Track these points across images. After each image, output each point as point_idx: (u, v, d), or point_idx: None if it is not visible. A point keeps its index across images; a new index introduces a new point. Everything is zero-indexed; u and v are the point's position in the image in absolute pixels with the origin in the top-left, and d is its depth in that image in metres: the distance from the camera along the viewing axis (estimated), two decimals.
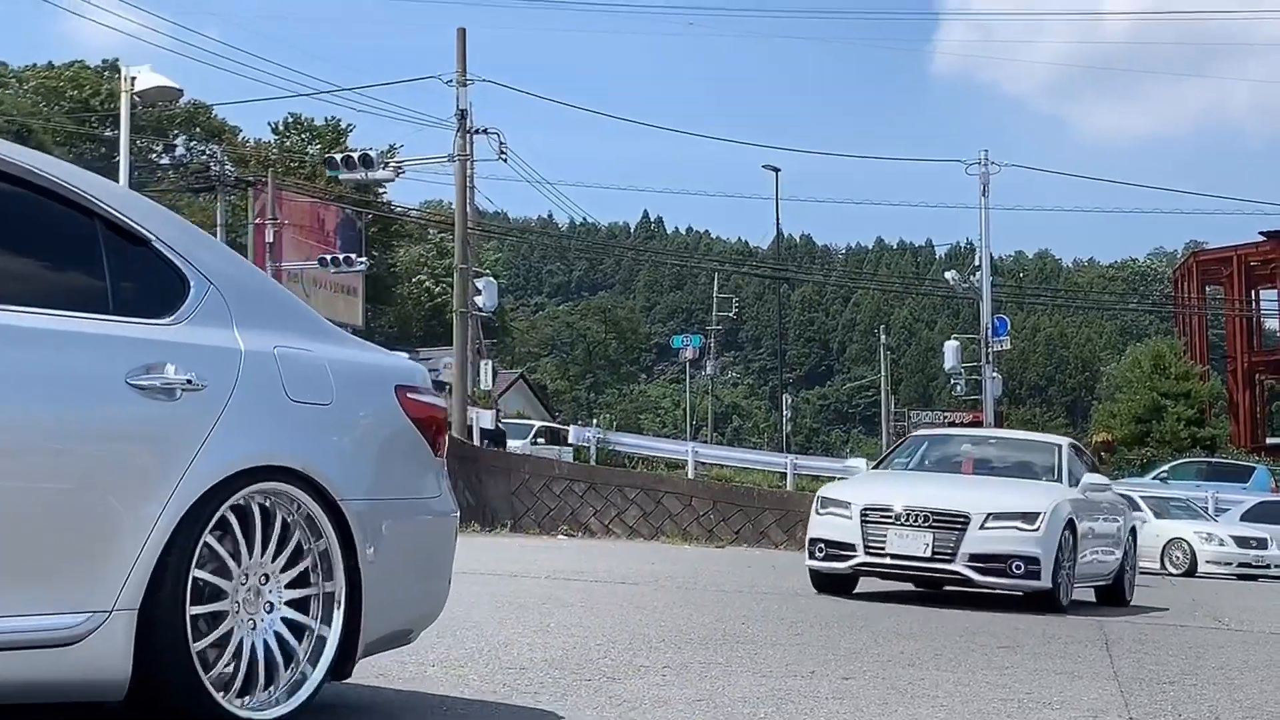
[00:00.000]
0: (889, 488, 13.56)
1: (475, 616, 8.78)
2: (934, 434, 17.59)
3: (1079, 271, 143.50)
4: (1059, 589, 12.69)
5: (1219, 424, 62.57)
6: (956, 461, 15.04)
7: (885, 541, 12.72)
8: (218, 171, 51.40)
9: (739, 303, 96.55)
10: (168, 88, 19.56)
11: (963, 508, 12.69)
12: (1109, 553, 14.58)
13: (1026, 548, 12.49)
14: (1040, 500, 12.96)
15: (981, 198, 42.09)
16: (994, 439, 16.73)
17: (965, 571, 12.53)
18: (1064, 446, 14.86)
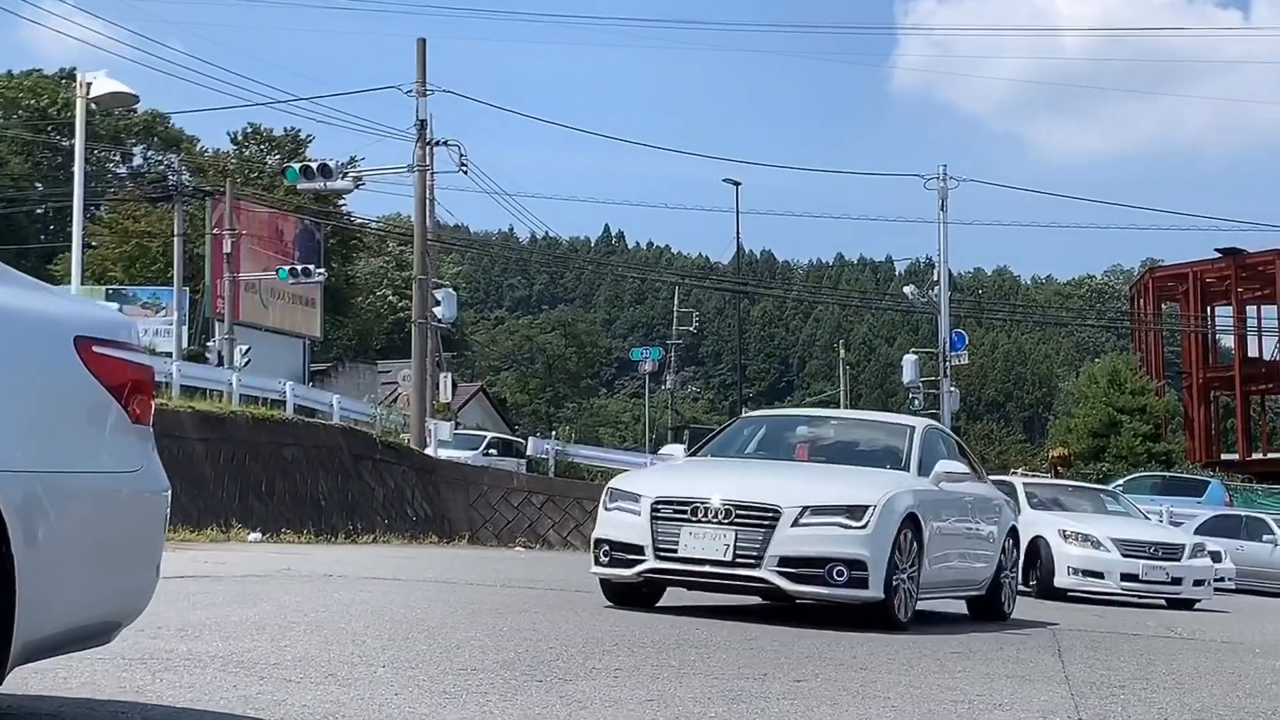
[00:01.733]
0: (690, 477, 11.21)
1: (429, 621, 8.75)
2: (766, 415, 14.63)
3: (1037, 288, 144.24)
4: (894, 600, 10.41)
5: (1174, 439, 63.09)
6: (792, 446, 12.55)
7: (678, 542, 10.34)
8: (175, 181, 51.19)
9: (699, 317, 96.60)
10: (123, 94, 19.42)
11: (772, 500, 10.33)
12: (978, 557, 12.56)
13: (849, 549, 10.16)
14: (870, 491, 10.57)
15: (940, 212, 42.32)
16: (836, 419, 14.03)
17: (773, 579, 10.15)
18: (919, 429, 12.40)
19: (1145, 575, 18.83)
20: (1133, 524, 20.39)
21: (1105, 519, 20.40)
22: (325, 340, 62.60)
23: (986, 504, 12.98)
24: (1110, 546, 19.06)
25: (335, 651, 6.76)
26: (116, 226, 58.28)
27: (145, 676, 5.52)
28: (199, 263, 52.18)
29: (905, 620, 10.59)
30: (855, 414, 14.19)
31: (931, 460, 11.81)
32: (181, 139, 68.32)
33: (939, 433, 13.17)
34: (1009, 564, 13.34)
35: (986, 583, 12.83)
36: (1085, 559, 19.03)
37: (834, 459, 11.91)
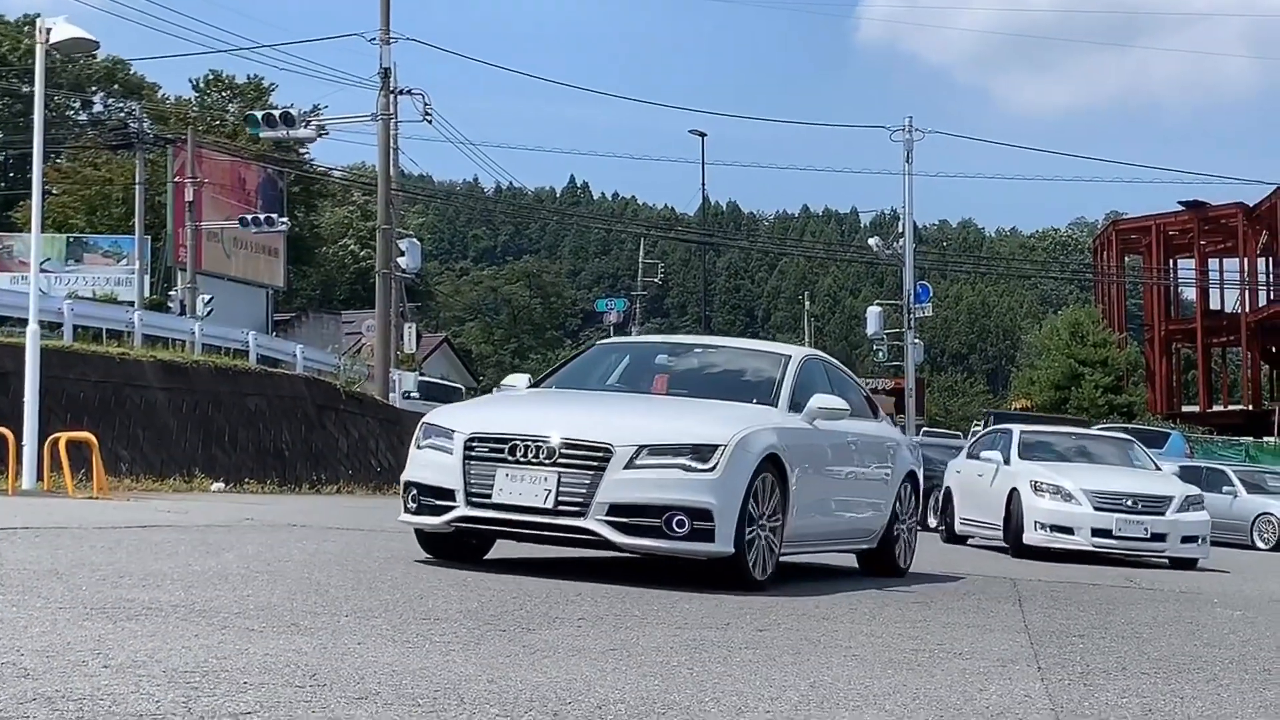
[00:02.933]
0: (515, 411, 9.71)
1: (392, 571, 8.75)
2: (626, 342, 12.39)
3: (1001, 240, 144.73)
4: (748, 556, 9.00)
5: (1136, 391, 63.52)
6: (651, 378, 10.98)
7: (493, 486, 8.89)
8: (136, 129, 50.72)
9: (665, 269, 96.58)
10: (84, 40, 19.18)
11: (604, 438, 8.82)
12: (865, 506, 11.31)
13: (692, 496, 8.69)
14: (722, 428, 9.04)
15: (905, 164, 42.39)
16: (702, 348, 11.82)
17: (600, 530, 8.67)
18: (796, 359, 10.83)
19: (1120, 530, 17.06)
20: (1121, 474, 18.26)
21: (1091, 469, 18.39)
22: (289, 290, 62.33)
23: (876, 446, 11.61)
24: (1081, 498, 17.27)
25: (298, 601, 6.75)
26: (77, 174, 57.80)
27: (106, 625, 5.50)
28: (160, 211, 51.84)
29: (762, 578, 9.17)
30: (725, 341, 12.25)
31: (809, 395, 10.31)
32: (143, 86, 67.69)
33: (822, 364, 11.46)
34: (906, 513, 12.04)
35: (877, 534, 11.59)
36: (1053, 513, 17.31)
37: (696, 392, 10.32)
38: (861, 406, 11.65)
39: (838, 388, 11.10)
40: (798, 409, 10.11)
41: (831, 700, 5.02)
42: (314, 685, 4.54)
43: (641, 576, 9.37)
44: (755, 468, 8.95)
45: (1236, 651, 7.63)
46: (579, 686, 4.90)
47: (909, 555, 12.18)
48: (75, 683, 4.30)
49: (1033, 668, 6.32)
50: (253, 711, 4.07)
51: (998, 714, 4.99)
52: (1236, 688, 6.17)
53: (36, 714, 3.83)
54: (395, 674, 4.87)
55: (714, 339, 12.42)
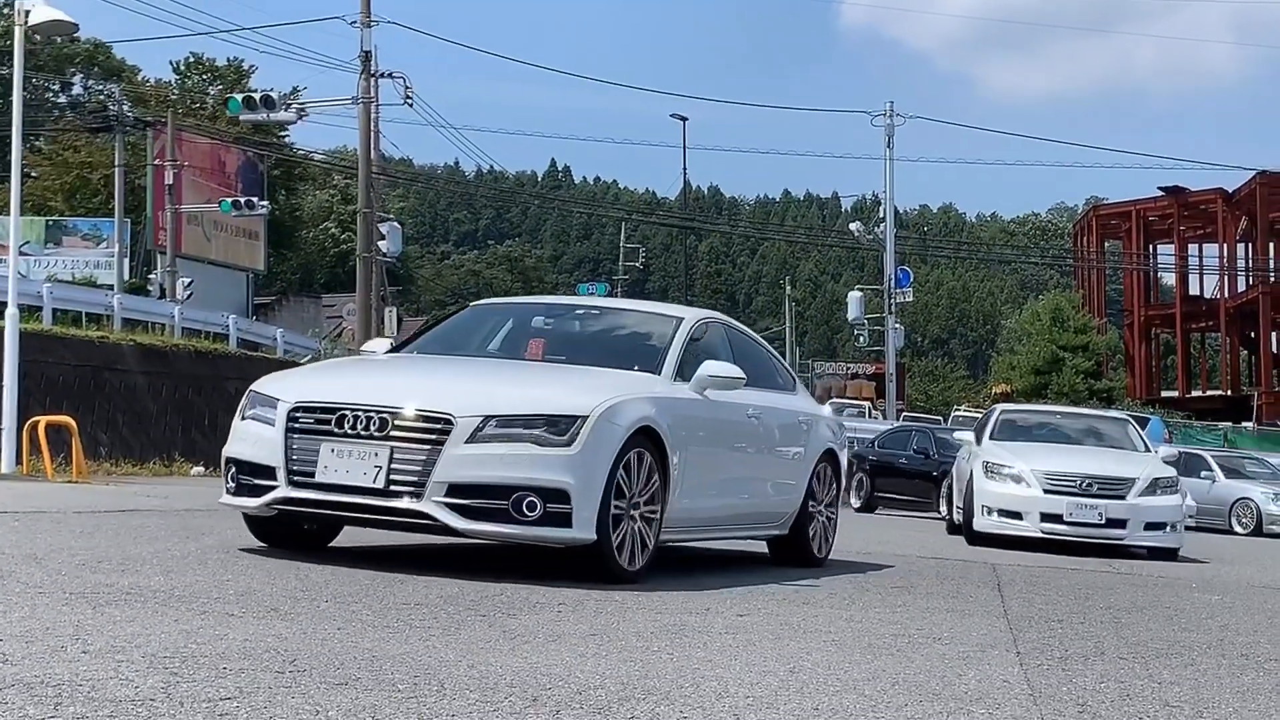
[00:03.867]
0: (350, 376, 8.67)
1: (373, 555, 8.74)
2: (502, 304, 11.37)
3: (982, 225, 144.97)
4: (613, 544, 7.84)
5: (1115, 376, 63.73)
6: (527, 342, 9.73)
7: (317, 462, 7.70)
8: (116, 111, 50.51)
9: (646, 253, 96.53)
10: (63, 22, 19.08)
11: (443, 407, 7.66)
12: (771, 487, 10.12)
13: (545, 474, 7.54)
14: (585, 396, 7.89)
15: (886, 149, 42.40)
16: (584, 309, 10.55)
17: (438, 514, 7.50)
18: (689, 321, 9.56)
19: (1071, 515, 15.56)
20: (1088, 455, 16.78)
21: (1055, 450, 16.94)
22: (269, 274, 62.17)
23: (786, 420, 10.40)
24: (1032, 480, 15.87)
25: (278, 585, 6.74)
26: (56, 157, 57.55)
27: (85, 610, 5.49)
28: (140, 194, 51.64)
29: (633, 569, 8.05)
30: (613, 303, 10.94)
31: (700, 362, 9.11)
32: (123, 68, 67.40)
33: (723, 329, 10.23)
34: (824, 497, 10.83)
35: (788, 519, 10.38)
36: (1002, 497, 15.96)
37: (575, 357, 9.12)
38: (771, 377, 10.57)
39: (741, 355, 9.92)
40: (687, 376, 8.93)
41: (811, 685, 5.04)
42: (294, 671, 4.54)
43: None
44: (624, 442, 7.80)
45: (1215, 636, 7.67)
46: (559, 671, 4.91)
47: (826, 543, 10.95)
48: (54, 668, 4.29)
49: (1011, 653, 6.35)
50: (232, 697, 4.07)
51: (977, 698, 5.01)
52: (1214, 672, 6.20)
53: (15, 700, 3.82)
54: (375, 659, 4.87)
55: (601, 300, 11.37)
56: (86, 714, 3.72)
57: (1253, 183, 62.62)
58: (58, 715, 3.69)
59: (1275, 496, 29.14)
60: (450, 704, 4.22)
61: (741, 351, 10.07)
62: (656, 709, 4.38)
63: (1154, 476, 16.19)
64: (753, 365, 9.92)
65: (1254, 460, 32.93)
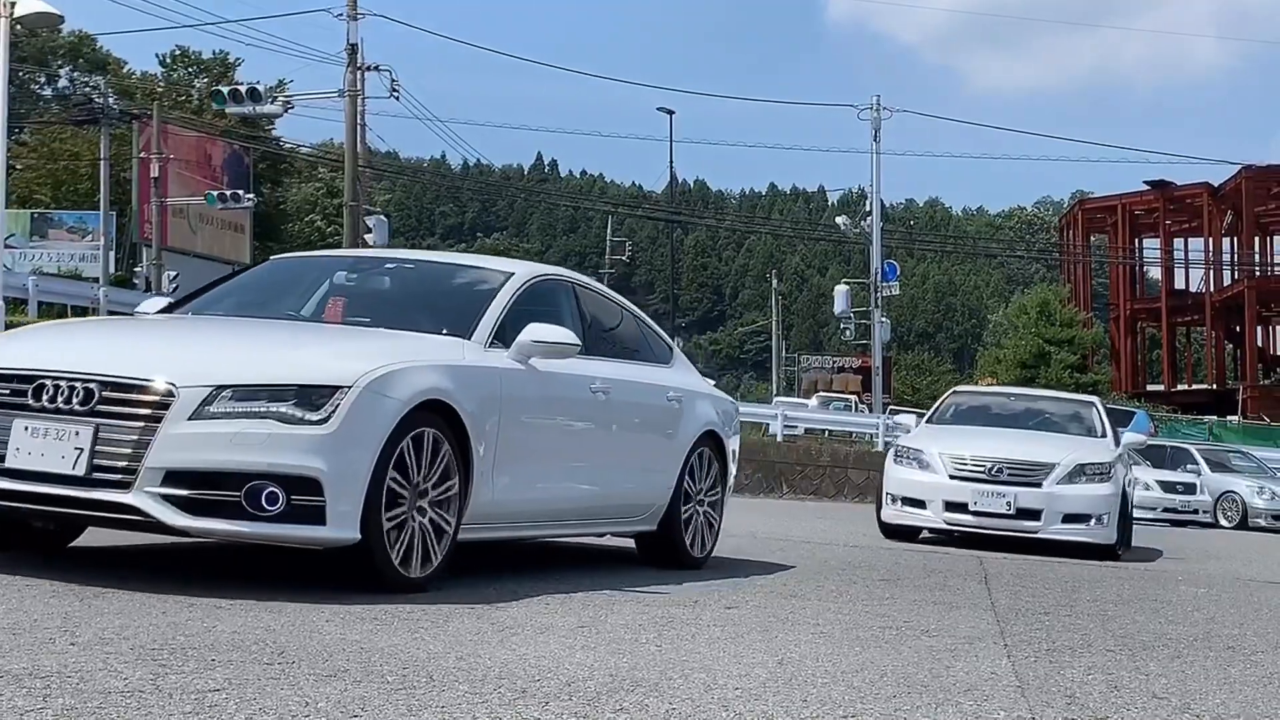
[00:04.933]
0: (63, 337, 7.17)
1: None
2: (299, 258, 9.78)
3: (968, 219, 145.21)
4: (386, 545, 6.37)
5: (1101, 370, 63.86)
6: (326, 301, 8.34)
7: (8, 443, 6.16)
8: (102, 104, 50.39)
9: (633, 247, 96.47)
10: (48, 14, 19.05)
11: (164, 373, 6.18)
12: (628, 475, 8.55)
13: (289, 458, 6.10)
14: (350, 363, 6.42)
15: (873, 143, 42.38)
16: (396, 263, 8.97)
17: (151, 507, 6.00)
18: (520, 278, 7.99)
19: (976, 504, 13.87)
20: (1014, 438, 14.86)
21: (978, 434, 15.11)
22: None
23: (650, 397, 8.88)
24: (938, 465, 14.21)
25: (267, 578, 6.74)
26: (42, 149, 57.40)
27: (73, 602, 5.48)
28: (126, 187, 51.55)
29: (418, 575, 6.58)
30: (431, 256, 9.51)
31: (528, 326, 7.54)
32: (108, 61, 67.22)
33: (567, 287, 8.59)
34: (701, 487, 9.32)
35: (654, 513, 8.89)
36: (906, 484, 14.37)
37: (380, 319, 7.69)
38: (636, 346, 9.18)
39: (595, 320, 8.63)
40: (507, 341, 7.43)
41: (799, 677, 5.04)
42: (283, 663, 4.54)
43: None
44: (400, 420, 6.35)
45: (1201, 629, 7.69)
46: (547, 664, 4.91)
47: (706, 541, 9.43)
48: (43, 660, 4.29)
49: (999, 645, 6.36)
50: (221, 689, 4.07)
51: (964, 690, 5.02)
52: (1201, 664, 6.21)
53: (3, 691, 3.81)
54: (364, 651, 4.87)
55: (417, 253, 10.03)
56: (75, 705, 3.72)
57: (1238, 177, 62.76)
58: (46, 707, 3.68)
59: (1260, 490, 29.23)
60: (439, 696, 4.22)
61: (595, 316, 8.69)
62: (645, 700, 4.39)
63: (1080, 462, 14.14)
64: (609, 332, 8.78)
65: (1239, 454, 33.02)
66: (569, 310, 8.34)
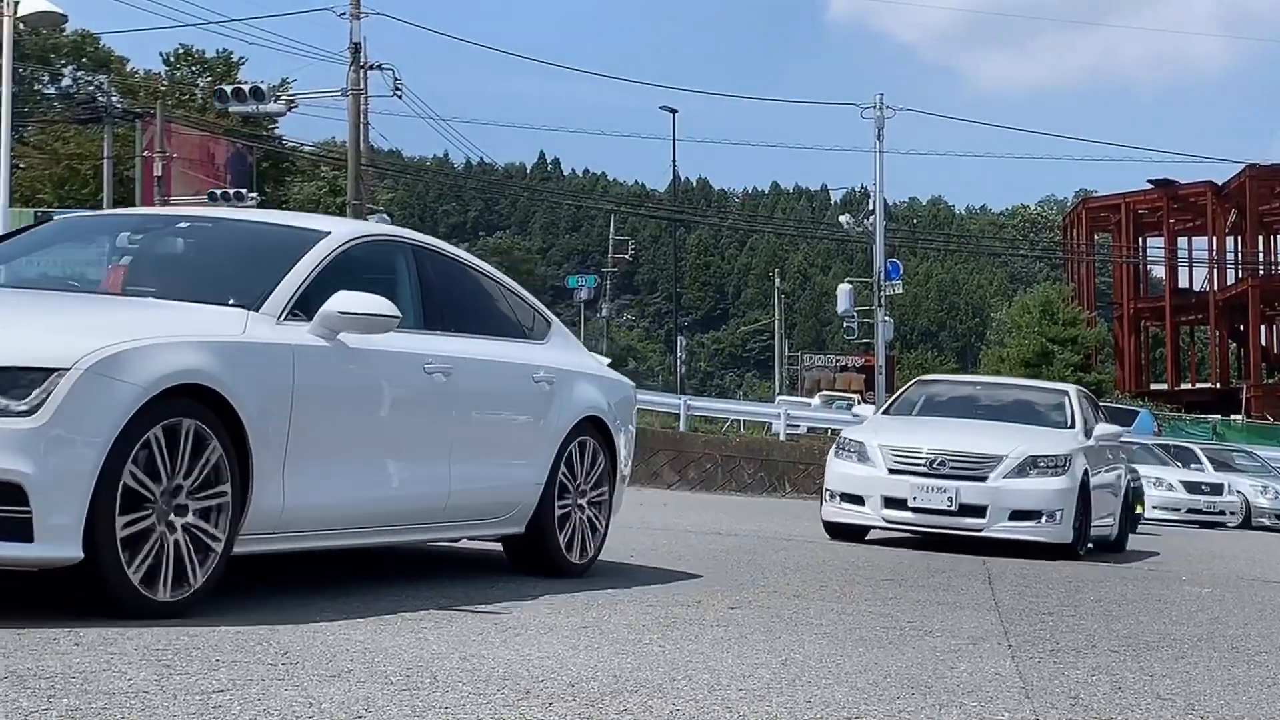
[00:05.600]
0: None
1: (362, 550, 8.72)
2: (85, 219, 8.19)
3: (971, 218, 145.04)
4: (124, 565, 5.21)
5: (1105, 369, 63.81)
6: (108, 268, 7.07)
7: None
8: (105, 102, 50.43)
9: (635, 245, 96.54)
10: (51, 13, 19.07)
11: None
12: (484, 470, 7.32)
13: None
14: (77, 339, 5.29)
15: (876, 142, 42.32)
16: (190, 222, 7.60)
17: None
18: (338, 238, 6.71)
19: (916, 499, 12.83)
20: (966, 429, 13.75)
21: (928, 424, 14.18)
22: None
23: (510, 379, 7.65)
24: (877, 458, 13.20)
25: (271, 578, 6.74)
26: (45, 148, 57.41)
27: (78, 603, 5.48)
28: (129, 185, 51.52)
29: (169, 599, 5.39)
30: (236, 214, 8.13)
31: (332, 292, 6.32)
32: (111, 59, 67.22)
33: (405, 251, 7.32)
34: (581, 483, 8.09)
35: (521, 513, 7.66)
36: (846, 478, 13.40)
37: (167, 290, 6.37)
38: (497, 320, 7.91)
39: (444, 290, 7.41)
40: (309, 313, 6.21)
41: (803, 678, 5.04)
42: (286, 663, 4.54)
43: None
44: (141, 408, 5.21)
45: (1205, 629, 7.68)
46: (551, 664, 4.91)
47: (588, 545, 8.16)
48: (47, 660, 4.29)
49: (1003, 645, 6.36)
50: (225, 689, 4.07)
51: (968, 691, 5.01)
52: (1205, 665, 6.21)
53: (8, 692, 3.81)
54: (368, 652, 4.87)
55: (221, 211, 8.49)
56: (80, 706, 3.72)
57: (1242, 176, 62.71)
58: (51, 708, 3.68)
59: (1265, 489, 29.18)
60: (443, 696, 4.22)
61: (442, 285, 7.41)
62: (649, 702, 4.39)
63: (1031, 453, 13.03)
64: (460, 304, 7.56)
65: (1243, 453, 32.99)
66: (406, 277, 7.15)
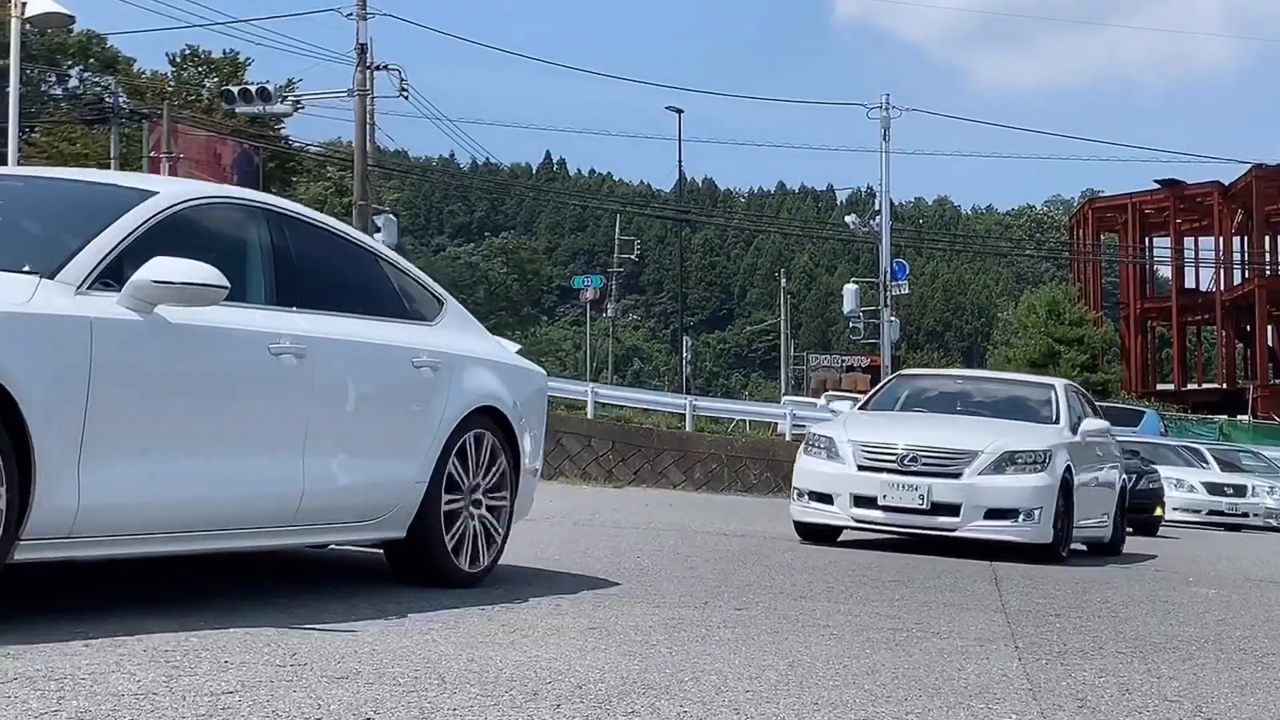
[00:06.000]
0: None
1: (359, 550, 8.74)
2: None
3: (977, 218, 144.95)
4: None
5: (1111, 369, 63.75)
6: None
7: None
8: (112, 103, 50.48)
9: (641, 245, 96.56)
10: (58, 14, 19.10)
11: None
12: (343, 468, 6.40)
13: None
14: None
15: (882, 142, 42.32)
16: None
17: None
18: (165, 199, 5.77)
19: (887, 497, 12.09)
20: (942, 424, 13.11)
21: (903, 419, 13.45)
22: None
23: (382, 364, 6.76)
24: (847, 454, 12.47)
25: (279, 579, 6.75)
26: (52, 149, 57.47)
27: (88, 604, 5.49)
28: None
29: None
30: (50, 173, 7.30)
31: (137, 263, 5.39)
32: (118, 60, 67.30)
33: (246, 213, 6.35)
34: (479, 482, 7.21)
35: (400, 516, 6.75)
36: (814, 475, 12.71)
37: None
38: (374, 297, 6.99)
39: (302, 258, 6.46)
40: (118, 282, 5.29)
41: (810, 679, 5.04)
42: (295, 664, 4.55)
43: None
44: None
45: (1212, 630, 7.68)
46: (558, 666, 4.91)
47: (482, 553, 7.22)
48: (57, 662, 4.30)
49: (1010, 647, 6.35)
50: (234, 690, 4.08)
51: (976, 693, 5.01)
52: (1213, 666, 6.21)
53: (18, 693, 3.82)
54: (376, 653, 4.88)
55: (36, 170, 7.71)
56: (89, 707, 3.73)
57: (1249, 176, 62.65)
58: (60, 709, 3.69)
59: (1271, 490, 29.12)
60: (451, 698, 4.22)
61: (303, 254, 6.49)
62: (656, 703, 4.39)
63: (1009, 449, 12.25)
64: (326, 277, 6.71)
65: (1249, 454, 32.94)
66: (256, 246, 6.25)
